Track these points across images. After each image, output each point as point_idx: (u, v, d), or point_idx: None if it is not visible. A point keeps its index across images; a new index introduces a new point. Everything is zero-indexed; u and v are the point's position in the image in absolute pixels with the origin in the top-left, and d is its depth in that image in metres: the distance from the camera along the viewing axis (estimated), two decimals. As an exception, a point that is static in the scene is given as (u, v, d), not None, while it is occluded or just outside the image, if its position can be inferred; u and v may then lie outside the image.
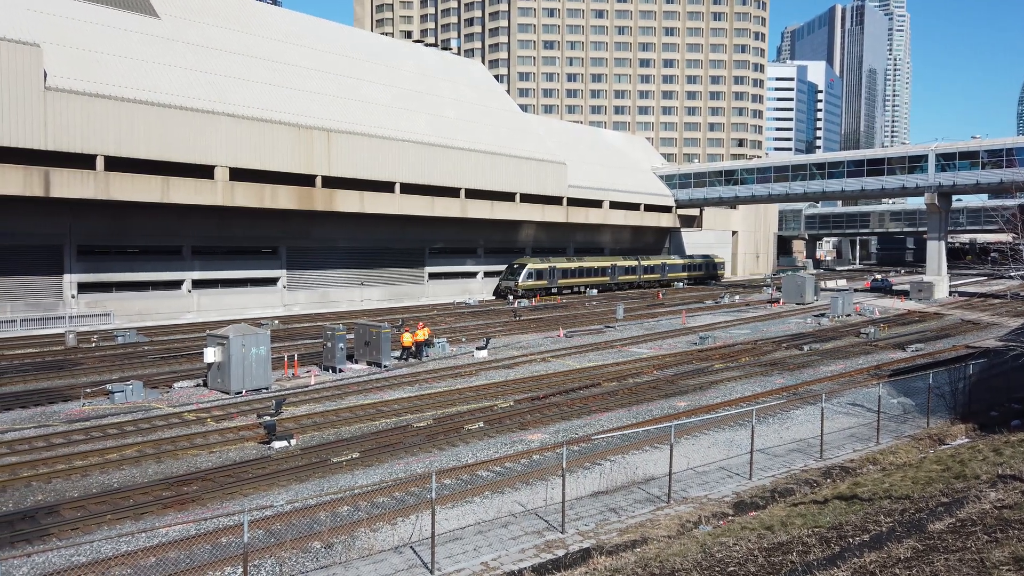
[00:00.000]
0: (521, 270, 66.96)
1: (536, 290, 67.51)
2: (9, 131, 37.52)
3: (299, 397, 25.49)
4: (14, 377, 28.55)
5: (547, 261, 69.07)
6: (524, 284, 66.21)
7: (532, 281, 66.90)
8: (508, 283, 66.80)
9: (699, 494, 16.16)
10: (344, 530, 13.87)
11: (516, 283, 66.08)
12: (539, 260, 68.60)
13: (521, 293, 65.94)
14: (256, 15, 59.24)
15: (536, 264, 67.87)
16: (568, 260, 71.97)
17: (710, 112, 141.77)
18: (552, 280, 69.03)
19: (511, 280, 66.80)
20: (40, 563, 12.44)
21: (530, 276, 66.75)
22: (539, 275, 67.51)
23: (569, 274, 71.50)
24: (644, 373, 30.29)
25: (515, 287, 65.93)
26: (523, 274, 66.57)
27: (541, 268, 67.98)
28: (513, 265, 68.14)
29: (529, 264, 67.49)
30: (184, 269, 49.34)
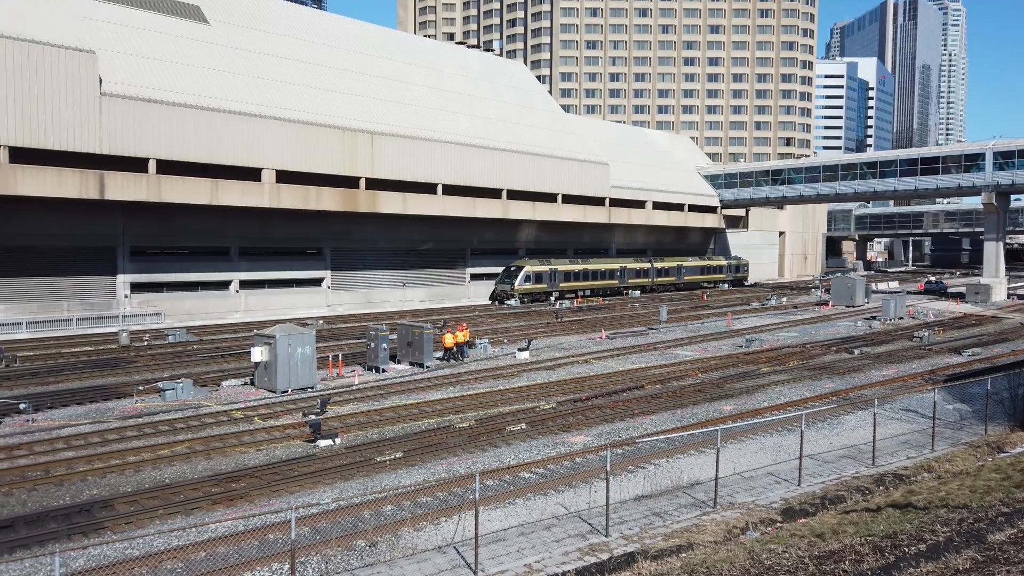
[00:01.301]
0: (518, 272, 62.86)
1: (534, 295, 63.51)
2: (67, 136, 38.81)
3: (343, 396, 25.77)
4: (70, 374, 29.48)
5: (547, 263, 64.81)
6: (521, 288, 62.12)
7: (530, 285, 62.73)
8: (503, 287, 62.83)
9: (746, 500, 15.83)
10: (388, 529, 13.95)
11: (512, 287, 62.09)
12: (538, 262, 64.44)
13: (519, 297, 62.36)
14: (302, 20, 60.22)
15: (534, 266, 63.52)
16: (571, 262, 67.64)
17: (756, 111, 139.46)
18: (553, 283, 64.79)
19: (506, 284, 62.78)
20: (95, 555, 12.79)
21: (527, 279, 62.59)
22: (538, 278, 63.30)
23: (572, 277, 67.00)
24: (688, 376, 29.87)
25: (511, 291, 62.06)
26: (520, 277, 62.38)
27: (540, 271, 63.67)
28: (510, 267, 64.15)
29: (527, 266, 63.20)
30: (232, 270, 50.39)
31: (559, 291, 65.57)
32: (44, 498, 15.81)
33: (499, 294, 63.37)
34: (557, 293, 65.41)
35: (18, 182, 37.24)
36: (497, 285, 63.73)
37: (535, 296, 63.71)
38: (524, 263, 63.38)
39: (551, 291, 64.89)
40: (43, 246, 42.30)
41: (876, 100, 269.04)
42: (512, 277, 62.62)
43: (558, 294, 65.61)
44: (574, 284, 67.30)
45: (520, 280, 62.04)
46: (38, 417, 22.81)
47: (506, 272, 63.99)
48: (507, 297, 62.34)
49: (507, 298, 62.30)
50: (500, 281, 63.70)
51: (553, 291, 64.98)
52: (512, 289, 61.89)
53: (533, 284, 62.89)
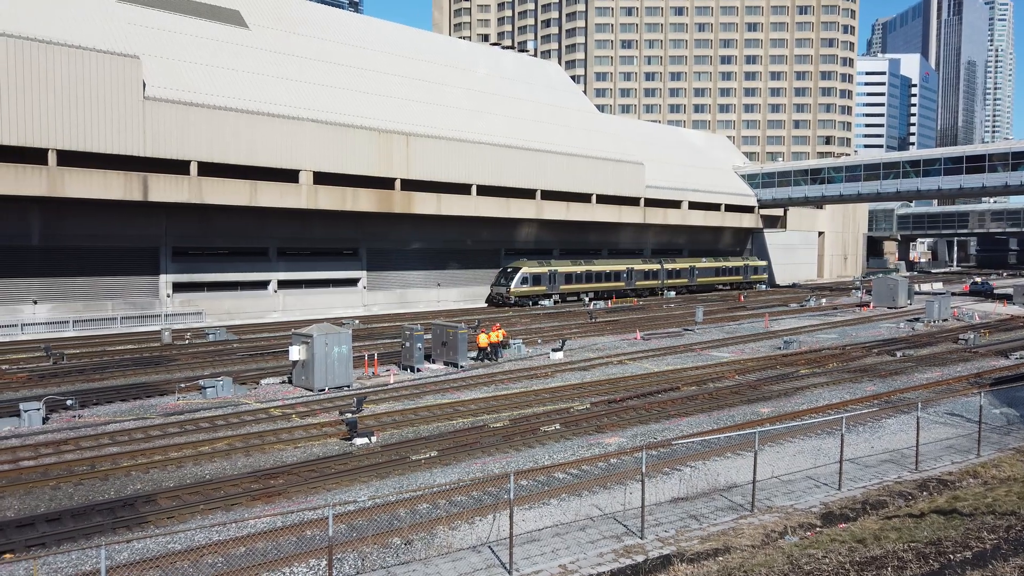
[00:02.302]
0: (514, 274, 59.51)
1: (532, 297, 60.42)
2: (112, 139, 39.80)
3: (379, 395, 26.00)
4: (115, 372, 30.22)
5: (546, 264, 61.74)
6: (517, 290, 59.03)
7: (527, 287, 59.53)
8: (499, 289, 59.89)
9: (784, 503, 15.59)
10: (423, 527, 14.03)
11: (508, 289, 58.90)
12: (536, 263, 61.32)
13: (514, 300, 59.26)
14: (338, 23, 60.96)
15: (532, 267, 60.40)
16: (573, 263, 64.66)
17: (795, 109, 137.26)
18: (552, 286, 61.57)
19: (502, 286, 59.67)
20: (139, 549, 13.09)
21: (524, 281, 59.34)
22: (536, 280, 60.20)
23: (574, 279, 63.83)
24: (725, 378, 29.52)
25: (507, 293, 58.98)
26: (516, 279, 59.06)
27: (538, 272, 60.47)
28: (506, 268, 60.97)
29: (524, 267, 59.91)
30: (270, 270, 51.20)
31: (559, 294, 62.73)
32: (90, 492, 16.23)
33: (494, 297, 60.82)
34: (556, 296, 62.60)
35: (66, 184, 38.32)
36: (492, 288, 61.18)
37: (532, 299, 60.83)
38: (521, 264, 60.59)
39: (550, 294, 61.87)
40: (89, 247, 43.45)
41: (919, 97, 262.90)
42: (508, 279, 59.76)
43: (558, 297, 62.74)
44: (575, 286, 64.28)
45: (516, 282, 59.16)
46: (84, 413, 23.44)
47: (502, 273, 61.14)
48: (502, 300, 59.69)
49: (503, 301, 59.67)
50: (495, 283, 61.01)
51: (552, 294, 62.05)
52: (508, 292, 59.04)
53: (530, 286, 59.98)
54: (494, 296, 60.72)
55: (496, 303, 60.38)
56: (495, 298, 60.53)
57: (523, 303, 59.76)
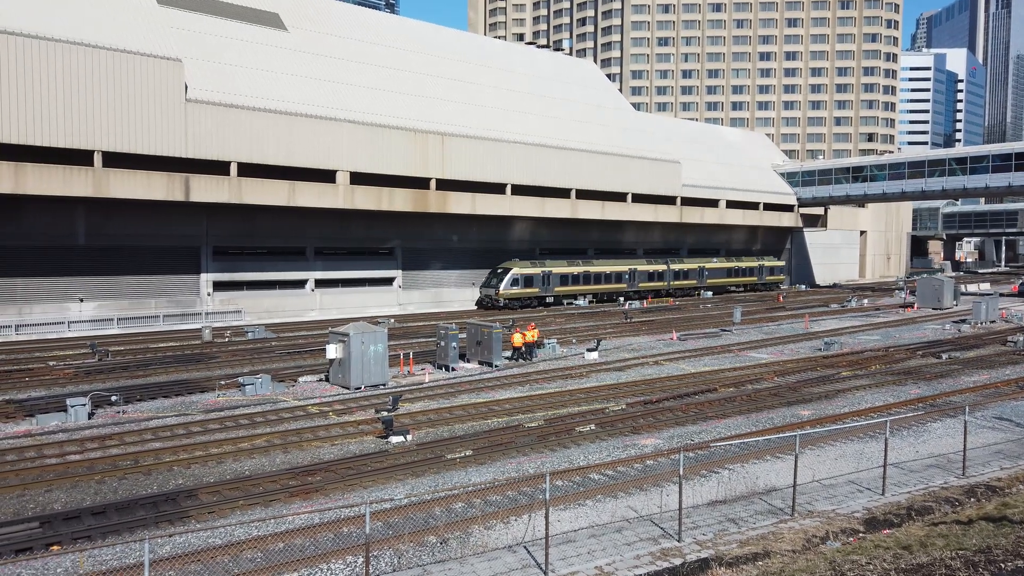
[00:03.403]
0: (505, 275, 56.19)
1: (524, 299, 57.34)
2: (154, 141, 40.68)
3: (414, 394, 26.13)
4: (157, 369, 30.87)
5: (539, 265, 58.39)
6: (507, 292, 55.85)
7: (518, 289, 56.28)
8: (488, 291, 56.61)
9: (826, 508, 15.26)
10: (459, 526, 14.04)
11: (497, 291, 55.68)
12: (529, 263, 57.99)
13: (503, 303, 55.98)
14: (374, 24, 61.47)
15: (523, 268, 57.04)
16: (569, 263, 61.07)
17: (836, 106, 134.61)
18: (546, 287, 58.44)
19: (491, 288, 56.37)
20: (181, 543, 13.31)
21: (515, 283, 56.10)
22: (527, 281, 56.92)
23: (570, 280, 60.44)
24: (764, 379, 29.05)
25: (495, 296, 55.77)
26: (506, 280, 55.77)
27: (530, 273, 57.12)
28: (497, 269, 57.74)
29: (515, 268, 56.65)
30: (307, 269, 51.84)
31: (553, 296, 59.52)
32: (133, 486, 16.58)
33: (483, 299, 57.56)
34: (551, 298, 59.49)
35: (111, 185, 39.27)
36: (481, 289, 57.97)
37: (524, 302, 57.59)
38: (512, 264, 57.32)
39: (544, 296, 58.76)
40: (133, 246, 44.47)
41: (966, 93, 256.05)
42: (498, 280, 56.31)
43: (552, 299, 59.69)
44: (572, 288, 61.00)
45: (506, 284, 55.86)
46: (128, 409, 23.97)
47: (492, 274, 57.73)
48: (491, 303, 56.44)
49: (491, 304, 56.40)
50: (484, 285, 57.65)
51: (547, 296, 58.91)
52: (496, 294, 55.75)
53: (522, 288, 56.73)
54: (483, 298, 57.65)
55: (485, 306, 57.39)
56: (484, 300, 57.48)
57: (513, 306, 56.62)
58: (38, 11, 38.91)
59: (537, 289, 57.87)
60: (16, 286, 40.75)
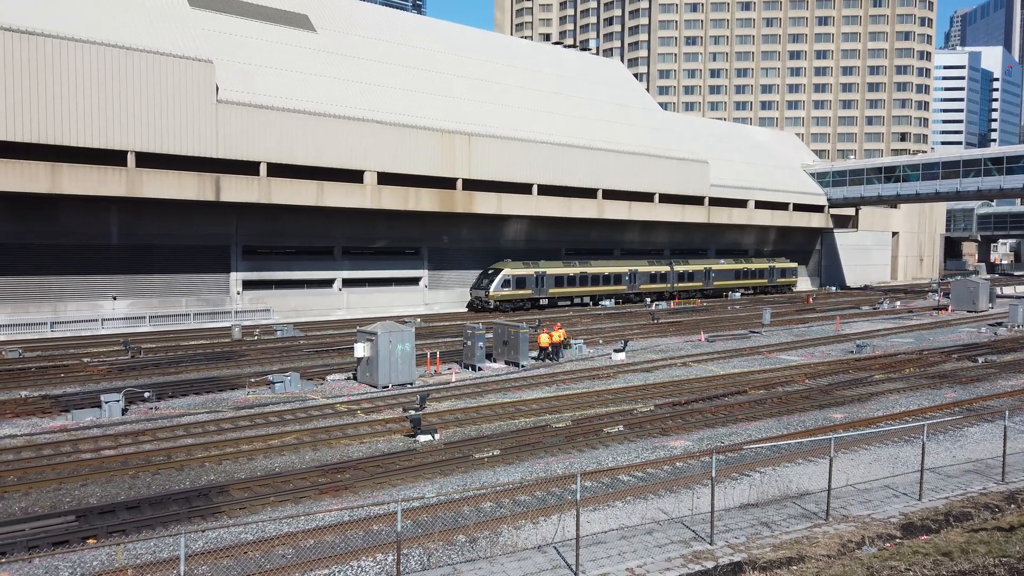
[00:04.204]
0: (495, 276, 54.10)
1: (516, 302, 55.03)
2: (186, 141, 41.25)
3: (441, 393, 26.15)
4: (188, 366, 31.26)
5: (532, 265, 56.12)
6: (497, 294, 53.64)
7: (509, 291, 54.02)
8: (478, 293, 54.51)
9: (861, 513, 14.97)
10: (488, 526, 13.99)
11: (487, 293, 53.57)
12: (522, 264, 55.78)
13: (493, 306, 53.90)
14: (401, 25, 61.74)
15: (515, 269, 54.73)
16: (565, 264, 58.82)
17: (868, 105, 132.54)
18: (540, 289, 56.15)
19: (481, 289, 54.25)
20: (213, 538, 13.43)
21: (505, 284, 53.85)
22: (519, 283, 54.62)
23: (566, 282, 58.10)
24: (795, 381, 28.65)
25: (485, 298, 53.68)
26: (496, 282, 53.63)
27: (522, 274, 54.80)
28: (488, 270, 55.69)
29: (506, 269, 54.36)
30: (335, 268, 52.20)
31: (547, 298, 57.17)
32: (167, 482, 16.78)
33: (473, 301, 55.61)
34: (545, 300, 57.20)
35: (144, 185, 39.87)
36: (472, 291, 55.89)
37: (516, 304, 55.20)
38: (503, 265, 55.03)
39: (537, 298, 56.43)
40: (164, 245, 45.13)
41: (1001, 91, 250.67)
42: (488, 281, 54.14)
43: (546, 301, 57.37)
44: (568, 290, 58.61)
45: (496, 285, 53.61)
46: (160, 405, 24.29)
47: (482, 275, 55.61)
48: (481, 305, 54.48)
49: (481, 306, 54.47)
50: (475, 286, 55.52)
51: (540, 298, 56.59)
52: (486, 296, 53.65)
53: (513, 290, 54.37)
54: (472, 301, 55.76)
55: (475, 308, 55.49)
56: (473, 303, 55.57)
57: (504, 308, 54.58)
58: (73, 14, 39.64)
59: (530, 291, 55.68)
60: (52, 284, 41.55)
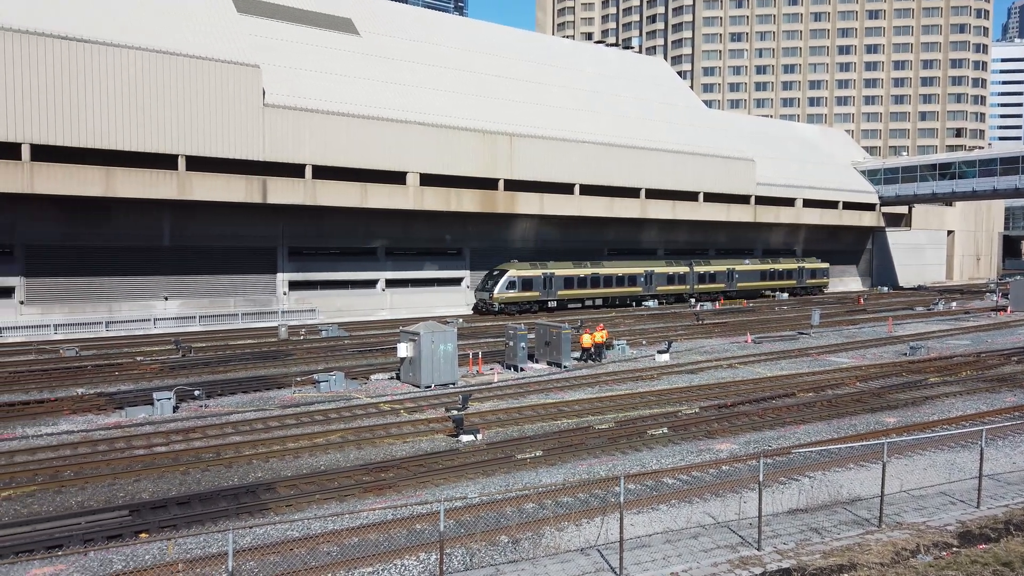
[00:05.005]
0: (500, 277, 52.22)
1: (522, 304, 53.09)
2: (234, 145, 42.12)
3: (483, 393, 26.18)
4: (236, 365, 31.90)
5: (540, 267, 53.88)
6: (502, 296, 51.66)
7: (514, 292, 52.08)
8: (482, 295, 52.63)
9: (915, 520, 14.49)
10: (530, 527, 13.93)
11: (491, 295, 51.68)
12: (528, 265, 53.68)
13: (498, 308, 51.89)
14: (444, 27, 62.11)
15: (521, 270, 52.73)
16: (575, 265, 56.37)
17: (921, 100, 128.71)
18: (548, 291, 53.98)
19: (486, 291, 52.36)
20: (260, 535, 13.64)
21: (511, 286, 51.90)
22: (525, 285, 52.63)
23: (576, 283, 55.79)
24: (845, 384, 27.93)
25: (489, 300, 51.78)
26: (501, 283, 51.69)
27: (529, 276, 52.77)
28: (493, 271, 53.84)
29: (512, 270, 52.35)
30: (378, 269, 52.73)
31: (556, 300, 54.88)
32: (216, 478, 17.11)
33: (478, 303, 53.87)
34: (553, 303, 54.94)
35: (194, 188, 40.85)
36: (476, 293, 54.06)
37: (522, 307, 53.23)
38: (509, 266, 53.07)
39: (545, 300, 54.26)
40: (213, 246, 46.15)
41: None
42: (493, 283, 52.25)
43: (555, 304, 55.06)
44: (578, 292, 56.23)
45: (501, 287, 51.68)
46: (210, 403, 24.83)
47: (488, 276, 53.68)
48: (486, 308, 52.67)
49: (486, 308, 52.64)
50: (479, 288, 53.67)
51: (548, 300, 54.39)
52: (491, 298, 51.70)
53: (519, 292, 52.38)
54: (477, 303, 54.08)
55: (480, 311, 53.87)
56: (478, 305, 53.88)
57: (510, 311, 52.71)
58: (126, 21, 40.81)
59: (537, 293, 53.61)
60: (106, 285, 42.84)
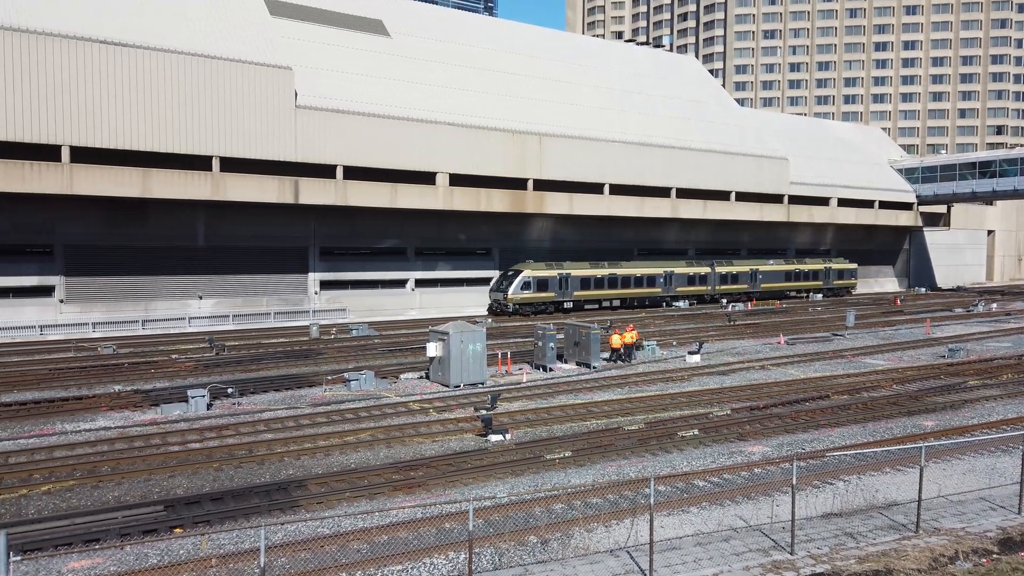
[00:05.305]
0: (515, 277, 51.23)
1: (537, 305, 52.07)
2: (267, 146, 42.69)
3: (512, 393, 26.17)
4: (268, 364, 32.29)
5: (555, 267, 52.92)
6: (516, 297, 50.65)
7: (529, 293, 51.01)
8: (496, 295, 51.75)
9: (954, 526, 14.17)
10: (559, 527, 13.88)
11: (505, 295, 50.81)
12: (544, 265, 52.70)
13: (512, 309, 50.80)
14: (474, 27, 62.22)
15: (536, 270, 51.69)
16: (592, 265, 55.21)
17: (960, 97, 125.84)
18: (564, 292, 52.93)
19: (500, 292, 51.51)
20: (292, 531, 13.78)
21: (525, 287, 50.86)
22: (541, 285, 51.61)
23: (592, 284, 54.56)
24: (881, 387, 27.40)
25: (503, 300, 50.83)
26: (515, 284, 50.69)
27: (544, 276, 51.72)
28: (508, 271, 52.84)
29: (526, 270, 51.36)
30: (408, 269, 53.03)
31: (572, 301, 53.77)
32: (248, 475, 17.34)
33: (492, 304, 52.86)
34: (569, 304, 53.85)
35: (227, 188, 41.47)
36: (490, 293, 53.15)
37: (538, 308, 52.19)
38: (524, 266, 52.10)
39: (561, 301, 53.26)
40: (246, 246, 46.80)
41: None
42: (508, 283, 51.25)
43: (571, 305, 53.92)
44: (595, 292, 55.06)
45: (516, 287, 50.65)
46: (243, 401, 25.16)
47: (502, 277, 52.77)
48: (500, 308, 51.64)
49: (500, 309, 51.62)
50: (494, 288, 52.73)
51: (564, 301, 53.34)
52: (505, 298, 50.72)
53: (534, 292, 51.34)
54: (492, 304, 53.13)
55: (494, 312, 52.80)
56: (493, 306, 52.90)
57: (524, 312, 51.65)
58: (161, 25, 41.54)
59: (553, 293, 52.59)
60: (143, 284, 43.68)
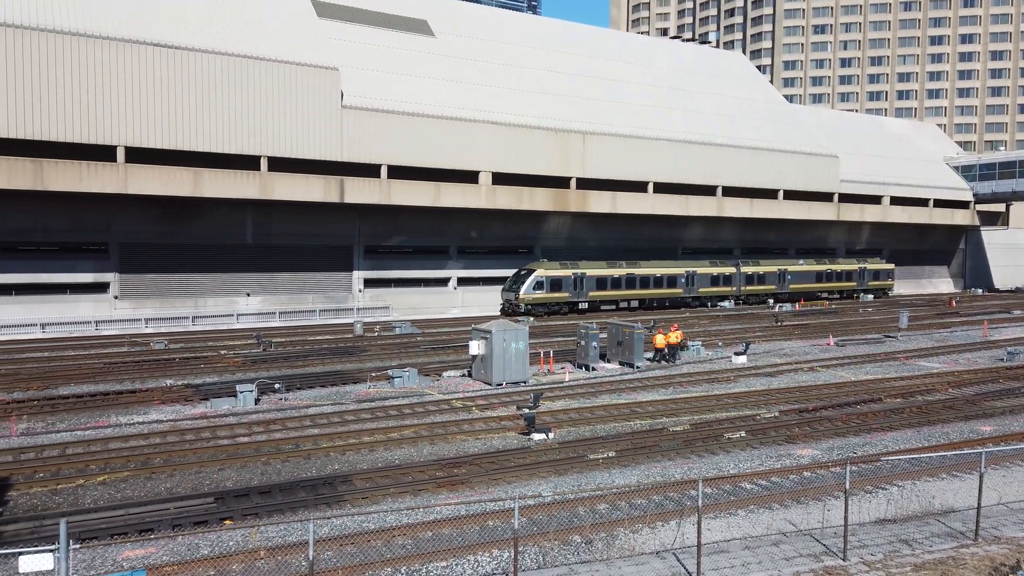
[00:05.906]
0: (527, 277, 49.86)
1: (551, 305, 50.66)
2: (313, 146, 43.30)
3: (554, 392, 26.07)
4: (314, 360, 32.75)
5: (570, 266, 51.38)
6: (528, 297, 49.27)
7: (541, 293, 49.72)
8: (509, 295, 50.35)
9: (1015, 534, 13.65)
10: (603, 527, 13.76)
11: (517, 296, 49.45)
12: (558, 264, 51.25)
13: (524, 309, 49.57)
14: (516, 26, 62.21)
15: (549, 270, 50.34)
16: (609, 265, 53.51)
17: (1020, 92, 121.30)
18: (579, 292, 51.41)
19: (511, 292, 50.15)
20: (338, 525, 13.93)
21: (538, 287, 49.55)
22: (554, 285, 50.22)
23: (609, 284, 52.95)
24: (936, 390, 26.56)
25: (515, 300, 49.51)
26: (527, 283, 49.36)
27: (558, 276, 50.38)
28: (520, 271, 51.47)
29: (539, 269, 50.08)
30: (450, 267, 53.27)
31: (587, 302, 52.23)
32: (295, 469, 17.59)
33: (504, 304, 51.59)
34: (585, 304, 52.26)
35: (275, 188, 42.20)
36: (503, 293, 51.79)
37: (551, 308, 50.86)
38: (537, 265, 50.73)
39: (576, 302, 51.70)
40: (293, 244, 47.57)
41: None
42: (520, 283, 49.95)
43: (586, 305, 52.34)
44: (612, 293, 53.39)
45: (528, 287, 49.36)
46: (289, 397, 25.56)
47: (515, 276, 51.45)
48: (512, 309, 50.37)
49: (512, 309, 50.38)
50: (506, 288, 51.34)
51: (579, 302, 51.81)
52: (516, 299, 49.43)
53: (546, 293, 50.05)
54: (504, 304, 51.72)
55: (506, 312, 51.43)
56: (504, 306, 51.59)
57: (537, 312, 50.40)
58: (217, 29, 42.47)
59: (567, 294, 51.18)
60: (193, 281, 44.72)
